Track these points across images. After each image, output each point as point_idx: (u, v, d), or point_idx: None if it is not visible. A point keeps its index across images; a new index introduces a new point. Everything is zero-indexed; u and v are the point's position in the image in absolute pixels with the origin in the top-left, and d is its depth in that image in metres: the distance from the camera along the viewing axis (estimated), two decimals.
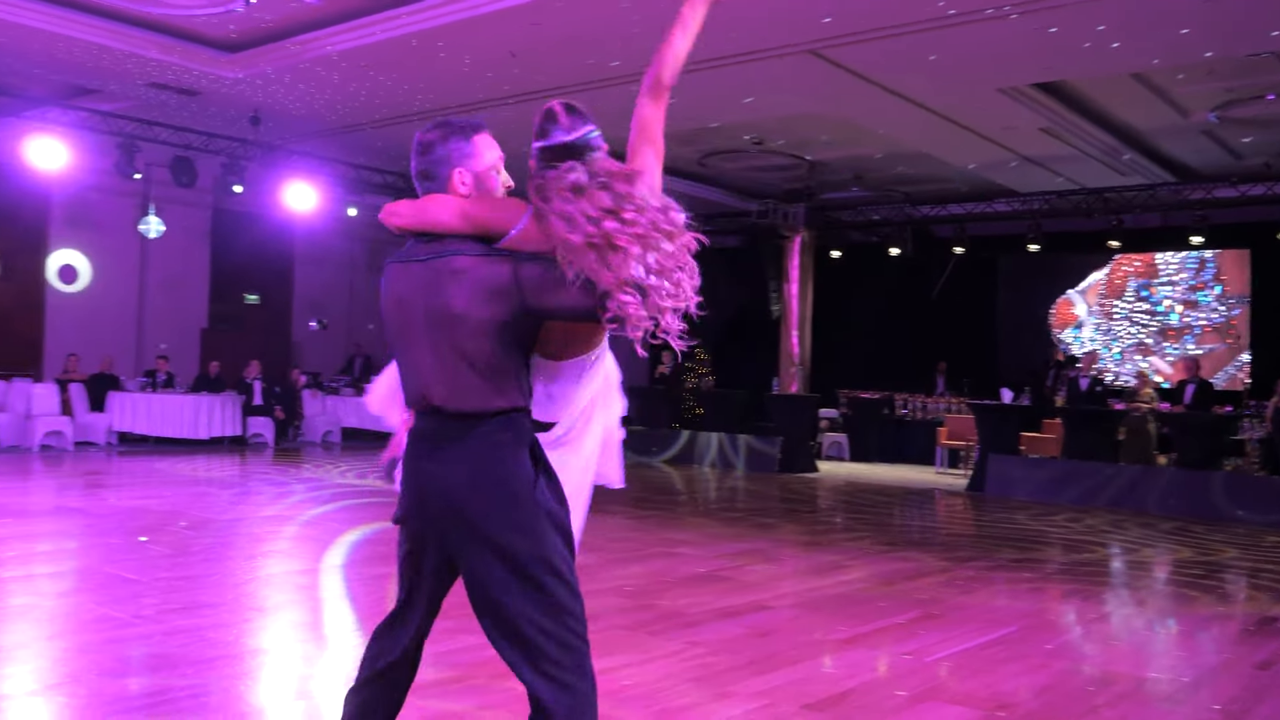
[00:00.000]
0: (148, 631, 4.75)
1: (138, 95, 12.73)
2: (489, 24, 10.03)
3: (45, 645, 4.66)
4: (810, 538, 8.57)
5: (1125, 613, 6.39)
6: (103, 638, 4.68)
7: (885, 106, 12.10)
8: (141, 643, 4.58)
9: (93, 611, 5.18)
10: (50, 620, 5.09)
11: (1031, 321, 18.60)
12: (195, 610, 5.26)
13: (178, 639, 4.65)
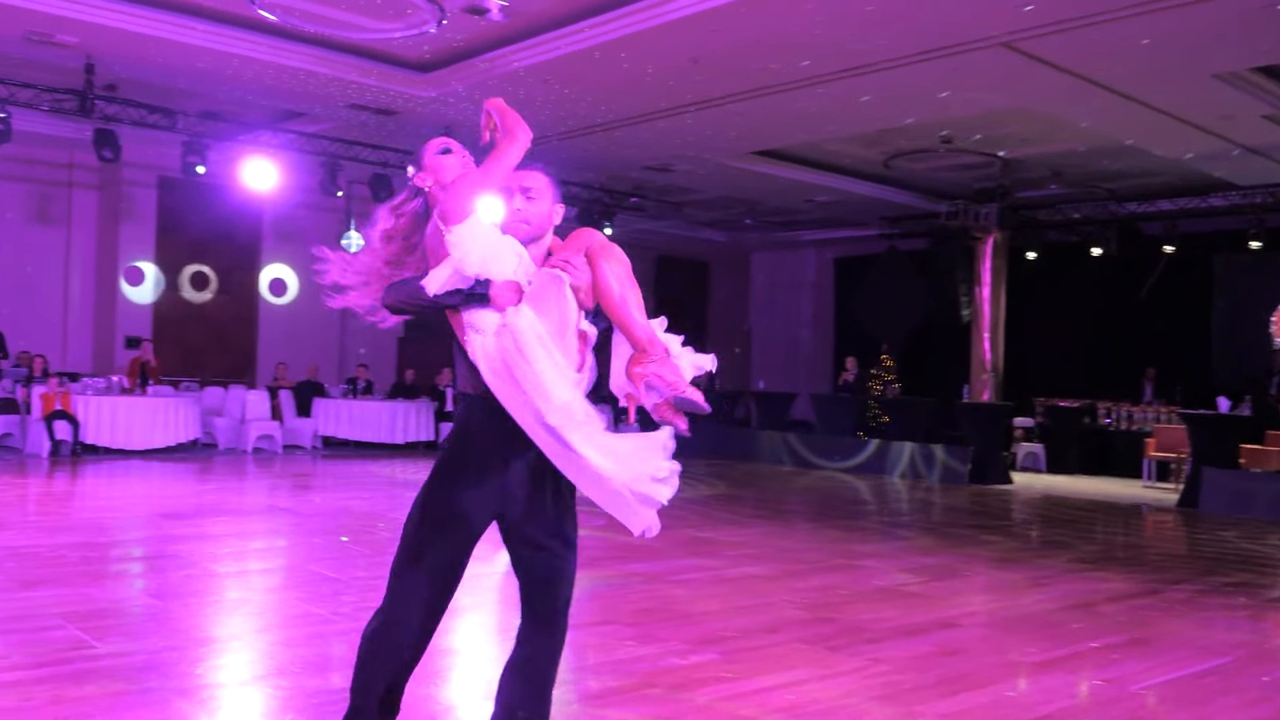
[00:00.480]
0: (346, 628, 4.95)
1: (339, 116, 13.41)
2: (670, 32, 10.07)
3: (255, 638, 4.91)
4: (1002, 554, 8.18)
5: None
6: (307, 633, 4.91)
7: (1088, 99, 11.49)
8: (341, 639, 4.78)
9: (298, 607, 5.44)
10: (260, 614, 5.38)
11: (1250, 325, 17.23)
12: None
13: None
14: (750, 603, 5.81)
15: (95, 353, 15.99)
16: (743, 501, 10.97)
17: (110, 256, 15.70)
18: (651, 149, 14.62)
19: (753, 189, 17.04)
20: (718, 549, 7.64)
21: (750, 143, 14.30)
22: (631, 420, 2.66)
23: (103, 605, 5.34)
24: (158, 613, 5.20)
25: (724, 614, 5.51)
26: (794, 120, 12.89)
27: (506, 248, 2.76)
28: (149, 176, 15.54)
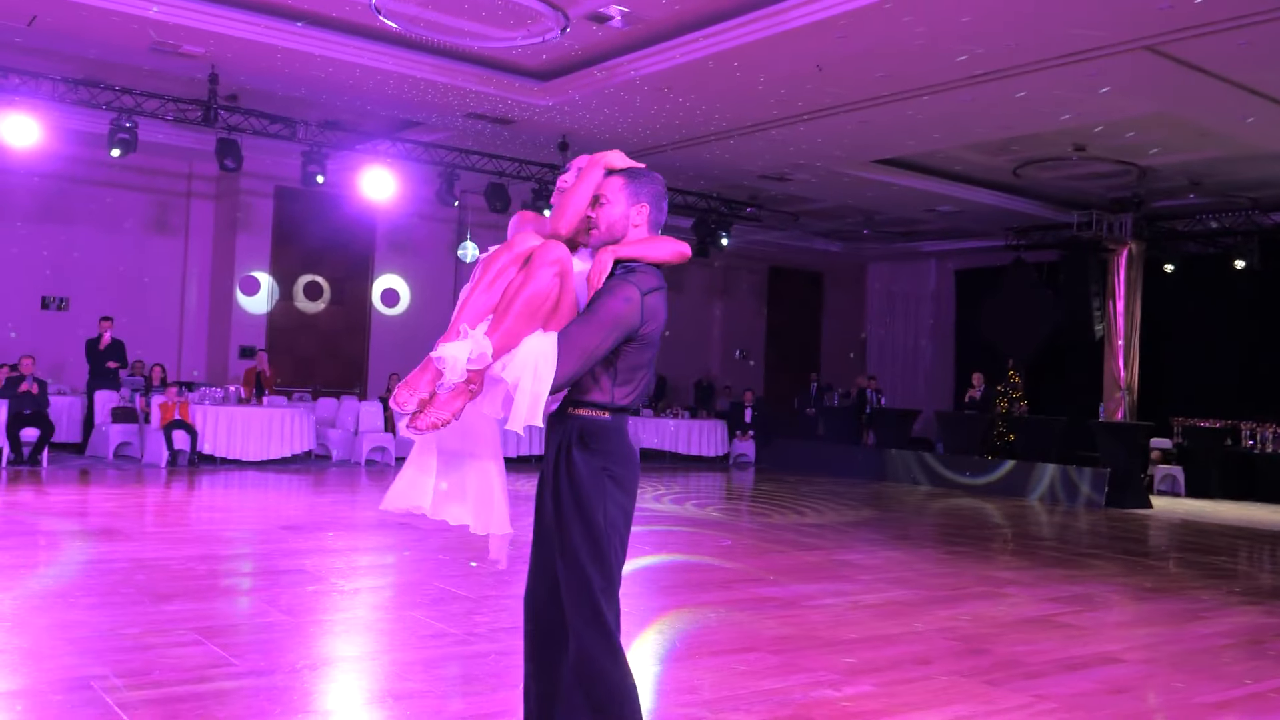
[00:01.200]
0: (479, 650, 4.74)
1: (456, 125, 13.41)
2: (785, 42, 9.81)
3: (386, 657, 4.73)
4: (1154, 582, 7.62)
5: None
6: (441, 653, 4.71)
7: (1236, 104, 10.85)
8: (474, 660, 4.56)
9: (430, 626, 5.25)
10: (389, 633, 5.21)
11: None
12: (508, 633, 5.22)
13: (491, 660, 4.60)
14: (896, 630, 5.45)
15: (209, 362, 16.27)
16: (875, 524, 10.54)
17: (226, 266, 15.97)
18: (767, 158, 14.32)
19: (872, 198, 16.60)
20: (854, 572, 7.28)
21: (869, 151, 13.89)
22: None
23: (235, 620, 5.24)
24: (291, 629, 5.07)
25: (870, 642, 5.17)
26: (917, 127, 12.47)
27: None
28: (266, 186, 15.78)
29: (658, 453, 16.72)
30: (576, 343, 2.63)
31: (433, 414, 2.57)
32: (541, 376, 2.59)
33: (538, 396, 2.59)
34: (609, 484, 2.71)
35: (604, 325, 2.65)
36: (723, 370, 21.15)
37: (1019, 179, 15.01)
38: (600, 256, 2.74)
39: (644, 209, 2.83)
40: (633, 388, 2.76)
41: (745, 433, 17.37)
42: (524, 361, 2.59)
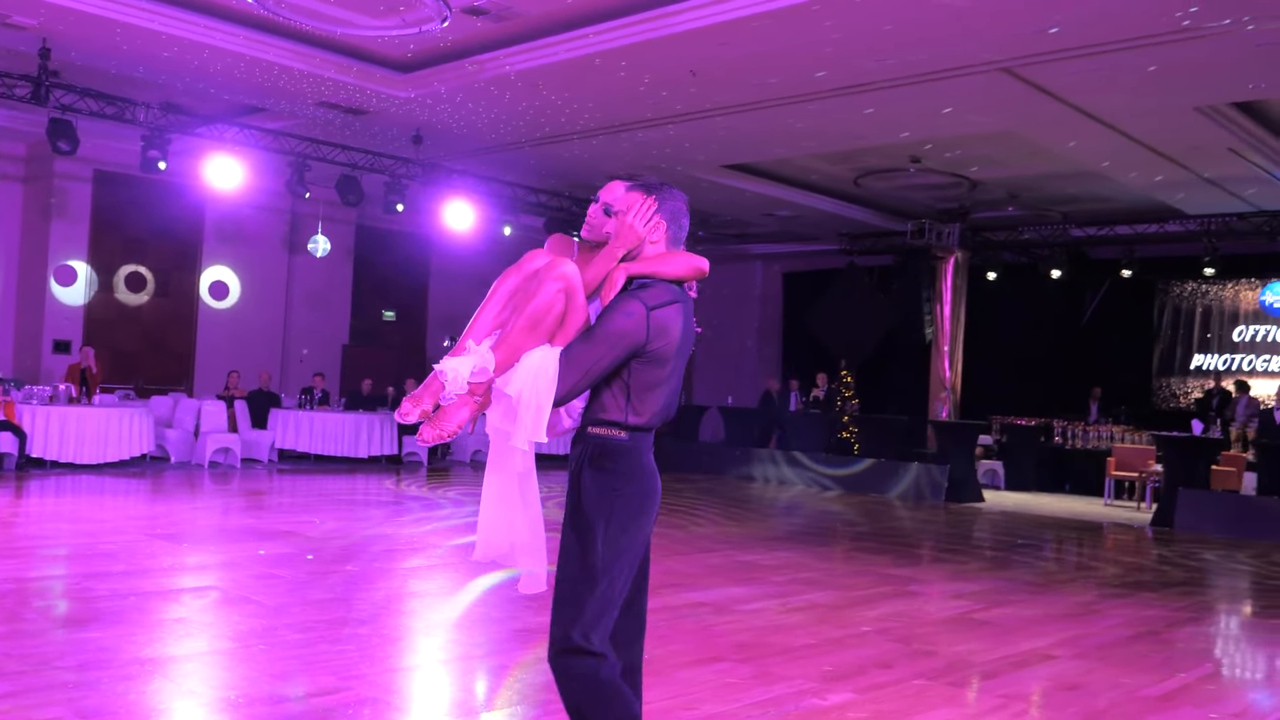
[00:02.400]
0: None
1: (304, 114, 12.82)
2: (673, 45, 9.88)
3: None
4: (1035, 577, 8.13)
5: None
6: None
7: (1069, 125, 11.67)
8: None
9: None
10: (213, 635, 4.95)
11: (1194, 348, 17.84)
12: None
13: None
14: (839, 634, 5.61)
15: (16, 357, 14.98)
16: (753, 522, 10.79)
17: (38, 254, 14.72)
18: (627, 159, 14.37)
19: (716, 201, 16.92)
20: (764, 574, 7.44)
21: (727, 155, 14.17)
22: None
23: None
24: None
25: (825, 647, 5.31)
26: (778, 135, 12.81)
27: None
28: (84, 170, 14.64)
29: None
30: (577, 358, 2.63)
31: (437, 426, 2.64)
32: (541, 390, 2.60)
33: (540, 410, 2.59)
34: (617, 504, 2.69)
35: (605, 341, 2.65)
36: None
37: (860, 188, 15.65)
38: (613, 274, 2.74)
39: (660, 225, 2.82)
40: (648, 407, 2.72)
41: None
42: (524, 375, 2.60)
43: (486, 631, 5.50)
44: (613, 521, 2.68)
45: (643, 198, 2.81)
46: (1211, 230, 14.84)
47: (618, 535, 2.68)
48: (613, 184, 2.94)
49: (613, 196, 2.89)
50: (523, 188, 15.52)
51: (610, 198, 2.89)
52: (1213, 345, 17.51)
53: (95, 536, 7.82)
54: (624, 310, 2.66)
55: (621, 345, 2.65)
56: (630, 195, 2.83)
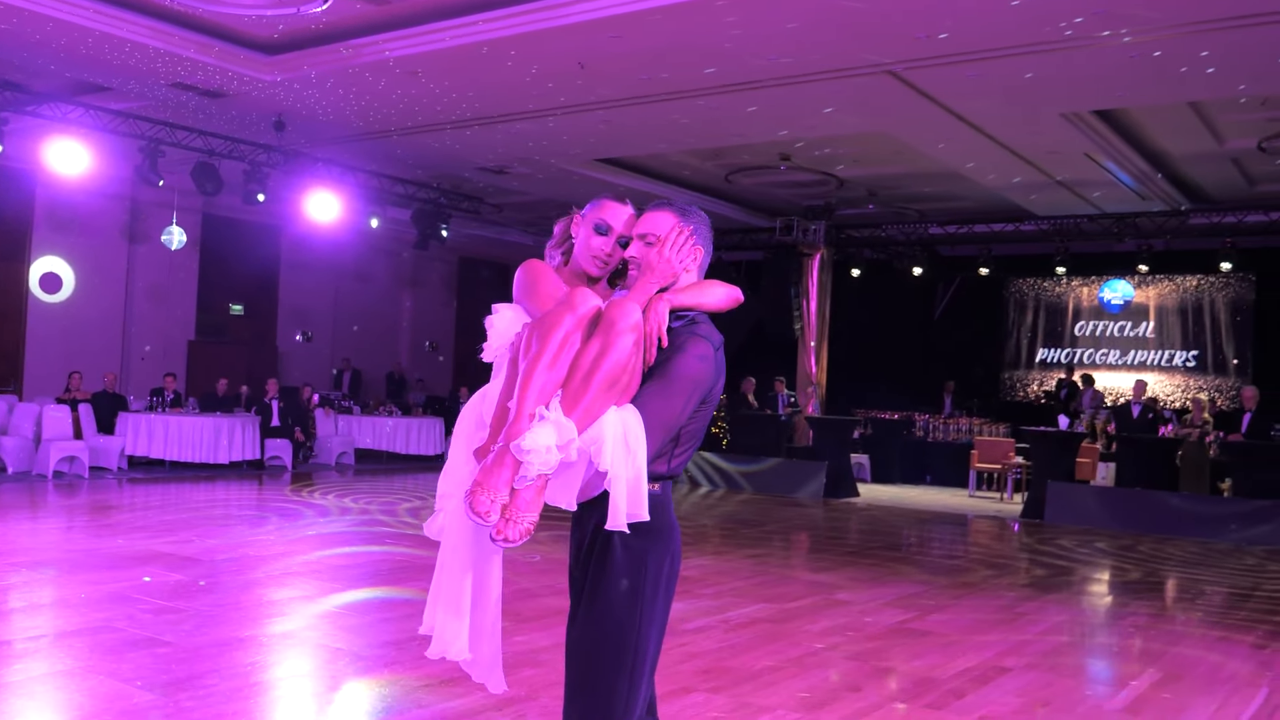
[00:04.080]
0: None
1: (155, 95, 11.92)
2: (564, 36, 9.61)
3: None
4: (948, 578, 8.26)
5: None
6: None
7: (941, 129, 11.98)
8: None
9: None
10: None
11: (1039, 342, 18.73)
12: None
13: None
14: (795, 652, 5.51)
15: None
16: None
17: None
18: (500, 150, 13.98)
19: (581, 195, 16.53)
20: (691, 586, 7.25)
21: (603, 149, 13.97)
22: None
23: None
24: None
25: (789, 670, 5.18)
26: (659, 130, 12.67)
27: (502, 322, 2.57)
28: None
29: (374, 453, 15.90)
30: (659, 415, 2.34)
31: (522, 519, 2.21)
32: (638, 460, 2.28)
33: (637, 483, 2.27)
34: (650, 565, 2.39)
35: (684, 391, 2.37)
36: (412, 363, 20.48)
37: (730, 184, 15.71)
38: (657, 306, 2.41)
39: (698, 252, 2.56)
40: (685, 452, 2.46)
41: None
42: (615, 445, 2.26)
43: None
44: (646, 586, 2.38)
45: (678, 222, 2.52)
46: (1063, 230, 15.54)
47: (652, 602, 2.39)
48: (614, 206, 2.59)
49: (653, 226, 2.53)
50: (389, 178, 14.91)
51: (647, 228, 2.52)
52: (1056, 340, 18.45)
53: None
54: (696, 353, 2.39)
55: (698, 393, 2.38)
56: (667, 218, 2.52)
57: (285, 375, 17.39)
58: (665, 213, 2.54)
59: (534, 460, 2.17)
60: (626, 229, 2.54)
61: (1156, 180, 14.09)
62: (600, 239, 2.55)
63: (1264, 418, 11.98)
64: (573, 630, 2.45)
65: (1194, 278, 17.39)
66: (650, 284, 2.44)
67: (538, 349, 2.28)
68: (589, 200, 2.68)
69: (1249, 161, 13.39)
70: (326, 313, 18.98)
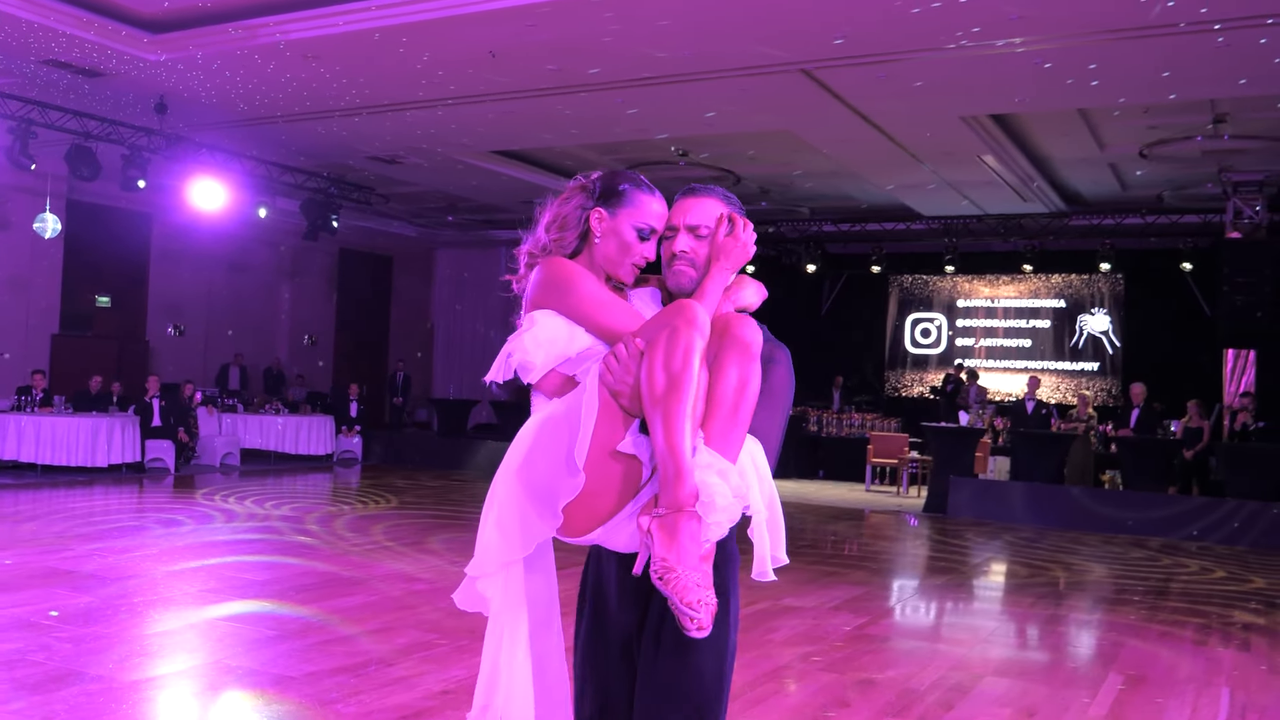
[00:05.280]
0: None
1: (24, 72, 11.09)
2: (470, 24, 9.32)
3: None
4: (880, 578, 8.35)
5: None
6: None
7: (847, 129, 12.10)
8: None
9: None
10: None
11: (919, 339, 19.21)
12: None
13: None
14: (770, 666, 5.38)
15: None
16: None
17: None
18: (389, 139, 13.54)
19: (475, 186, 16.35)
20: None
21: (496, 141, 13.70)
22: (635, 572, 1.98)
23: None
24: None
25: (770, 686, 5.04)
26: (557, 122, 12.45)
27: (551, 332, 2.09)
28: None
29: (262, 453, 15.22)
30: (772, 439, 2.14)
31: (708, 589, 1.86)
32: (777, 498, 2.08)
33: (777, 522, 2.07)
34: (730, 578, 2.22)
35: (786, 408, 2.21)
36: (292, 357, 19.71)
37: None
38: (727, 311, 2.16)
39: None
40: None
41: (351, 428, 16.33)
42: (761, 485, 2.05)
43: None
44: (731, 619, 2.19)
45: (726, 208, 2.24)
46: (952, 229, 15.94)
47: (734, 636, 2.23)
48: (652, 203, 2.23)
49: (704, 217, 2.22)
50: (276, 165, 14.25)
51: (699, 218, 2.22)
52: (938, 336, 18.96)
53: None
54: (787, 364, 2.25)
55: (790, 405, 2.23)
56: (716, 206, 2.23)
57: (157, 370, 16.47)
58: (713, 200, 2.25)
59: (722, 520, 1.90)
60: (661, 225, 2.23)
61: (1038, 183, 14.57)
62: (645, 245, 2.21)
63: (1149, 413, 12.52)
64: (657, 677, 2.13)
65: (1073, 276, 18.08)
66: (726, 274, 2.20)
67: (670, 382, 1.91)
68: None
69: (1125, 167, 13.96)
70: (200, 305, 18.09)
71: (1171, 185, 14.59)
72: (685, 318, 1.99)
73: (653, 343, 1.97)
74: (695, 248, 2.21)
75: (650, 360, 1.95)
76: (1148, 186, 14.80)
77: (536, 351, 2.07)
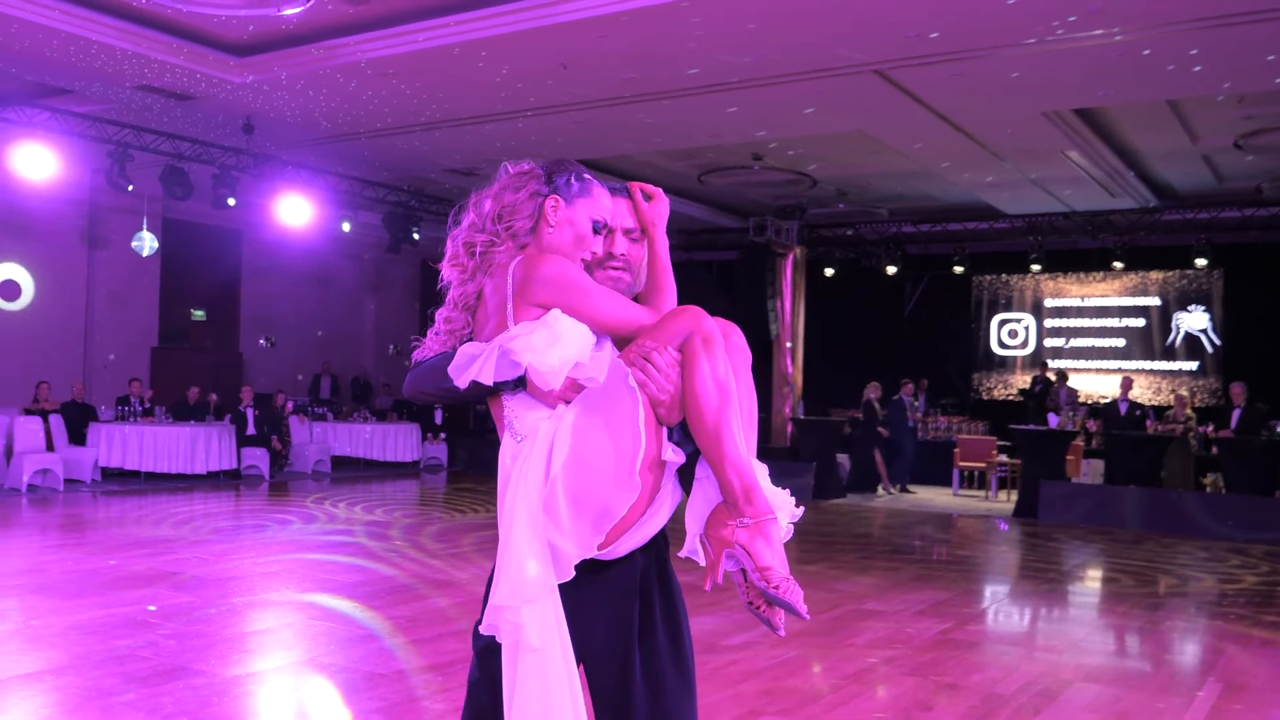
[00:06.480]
0: None
1: (120, 98, 11.55)
2: (545, 36, 9.44)
3: None
4: (969, 582, 8.20)
5: None
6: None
7: (921, 128, 11.96)
8: None
9: None
10: None
11: (1006, 340, 18.86)
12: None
13: None
14: (851, 669, 5.35)
15: None
16: None
17: None
18: (468, 152, 13.77)
19: None
20: (715, 596, 7.02)
21: (575, 150, 13.75)
22: (707, 588, 1.95)
23: None
24: None
25: (852, 689, 5.01)
26: (635, 130, 12.53)
27: (572, 332, 1.97)
28: None
29: (352, 460, 15.65)
30: None
31: (793, 581, 1.88)
32: None
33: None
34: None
35: None
36: (378, 367, 20.16)
37: (703, 185, 15.60)
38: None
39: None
40: None
41: (437, 435, 16.63)
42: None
43: None
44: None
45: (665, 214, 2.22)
46: (1037, 228, 15.64)
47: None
48: (607, 197, 2.16)
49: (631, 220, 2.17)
50: (359, 180, 14.60)
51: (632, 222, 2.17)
52: (1024, 338, 18.59)
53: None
54: None
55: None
56: (628, 207, 2.18)
57: (250, 381, 16.99)
58: (625, 199, 2.19)
59: (791, 519, 1.94)
60: (613, 221, 2.15)
61: (1127, 177, 14.21)
62: (598, 239, 2.12)
63: (1252, 413, 12.08)
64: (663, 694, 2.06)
65: (1168, 273, 17.56)
66: (665, 238, 2.19)
67: (721, 394, 1.90)
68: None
69: (1220, 159, 13.55)
70: (289, 317, 18.59)
71: (1270, 176, 14.12)
72: (705, 326, 1.96)
73: (691, 353, 1.92)
74: (630, 251, 2.17)
75: (693, 372, 1.91)
76: (1245, 178, 14.34)
77: (552, 354, 1.92)
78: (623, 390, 1.91)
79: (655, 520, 1.97)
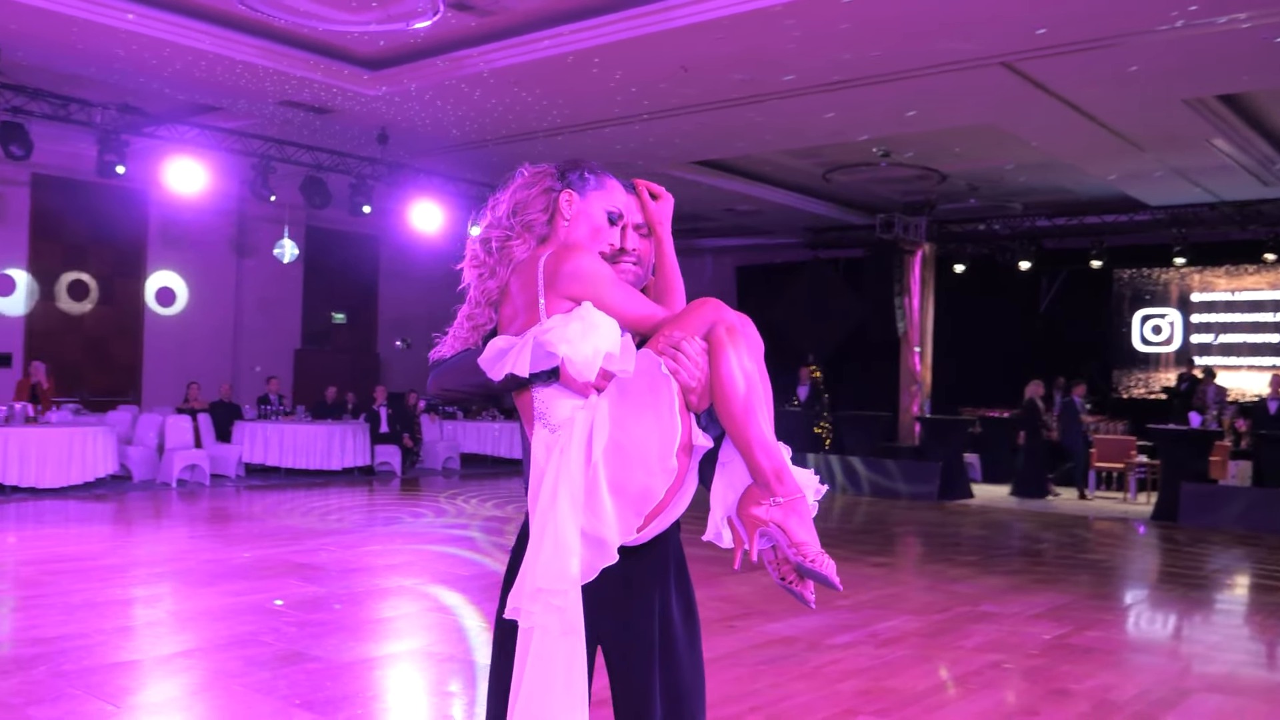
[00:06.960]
0: None
1: (264, 113, 12.18)
2: (660, 41, 9.55)
3: None
4: (1096, 586, 7.94)
5: None
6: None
7: (1051, 118, 11.62)
8: None
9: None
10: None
11: (1150, 336, 18.10)
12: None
13: None
14: (958, 671, 5.29)
15: None
16: None
17: None
18: (589, 156, 13.91)
19: (676, 197, 16.55)
20: (826, 596, 7.05)
21: (694, 152, 13.90)
22: (736, 567, 2.04)
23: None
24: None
25: (956, 690, 4.97)
26: (753, 130, 12.54)
27: (605, 324, 2.00)
28: (20, 174, 13.73)
29: (480, 457, 16.22)
30: None
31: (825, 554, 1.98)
32: None
33: None
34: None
35: None
36: None
37: (829, 182, 15.47)
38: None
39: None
40: None
41: None
42: None
43: None
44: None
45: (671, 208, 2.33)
46: (1180, 219, 14.98)
47: None
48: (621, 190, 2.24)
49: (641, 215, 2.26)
50: (487, 186, 14.90)
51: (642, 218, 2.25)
52: (1169, 334, 17.80)
53: (90, 579, 7.20)
54: None
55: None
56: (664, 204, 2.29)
57: (386, 381, 17.65)
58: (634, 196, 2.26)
59: (813, 498, 2.01)
60: (627, 213, 2.21)
61: (1278, 165, 13.50)
62: (614, 230, 2.17)
63: None
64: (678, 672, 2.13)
65: None
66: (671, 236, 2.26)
67: (748, 382, 1.97)
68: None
69: None
70: (423, 320, 19.20)
71: None
72: (727, 316, 2.02)
73: (716, 342, 1.98)
74: (641, 246, 2.22)
75: (721, 360, 1.97)
76: None
77: (584, 345, 1.96)
78: (657, 378, 1.95)
79: (681, 504, 2.04)
